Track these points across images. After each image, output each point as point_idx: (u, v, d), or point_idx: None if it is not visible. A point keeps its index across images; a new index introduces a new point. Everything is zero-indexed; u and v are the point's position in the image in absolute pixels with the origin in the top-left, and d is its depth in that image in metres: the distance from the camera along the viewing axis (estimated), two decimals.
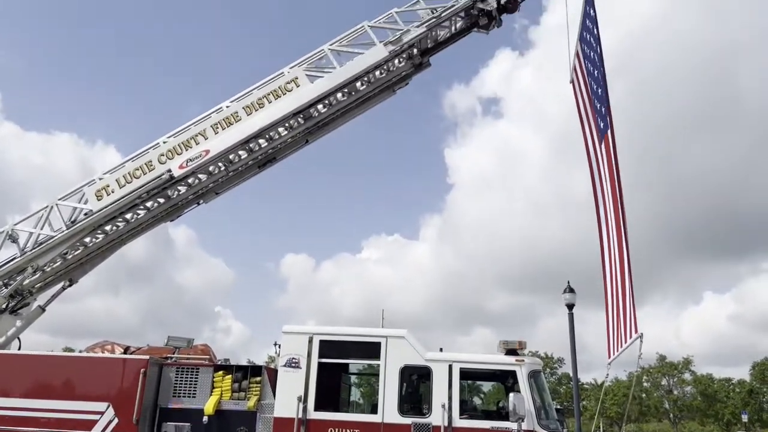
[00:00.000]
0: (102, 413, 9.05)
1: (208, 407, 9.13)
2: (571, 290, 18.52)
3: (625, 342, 9.27)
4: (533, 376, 9.09)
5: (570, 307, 18.47)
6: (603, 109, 10.71)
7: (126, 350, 10.48)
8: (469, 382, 10.25)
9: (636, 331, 8.79)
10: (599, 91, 10.96)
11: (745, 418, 56.36)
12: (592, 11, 11.74)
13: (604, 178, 10.67)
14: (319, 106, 11.83)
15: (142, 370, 9.19)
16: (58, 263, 11.44)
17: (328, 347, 9.25)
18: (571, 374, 25.66)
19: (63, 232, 10.90)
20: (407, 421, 8.69)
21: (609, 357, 10.08)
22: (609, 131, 10.34)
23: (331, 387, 9.61)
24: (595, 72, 11.25)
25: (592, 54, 11.44)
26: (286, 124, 11.71)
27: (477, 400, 11.23)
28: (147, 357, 9.50)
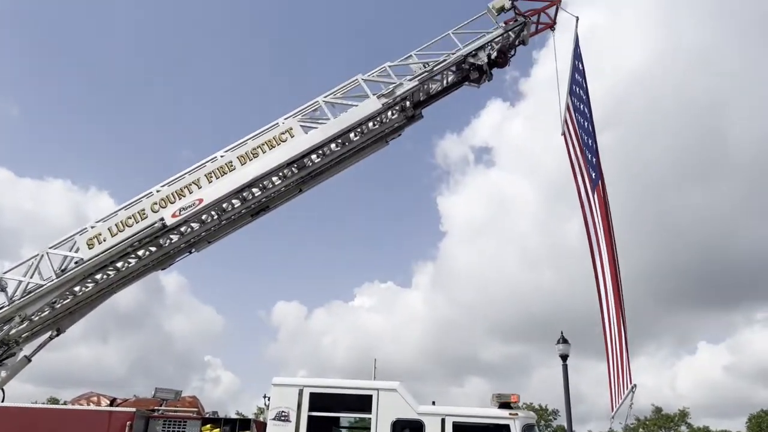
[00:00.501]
0: None
1: None
2: (565, 341, 18.35)
3: (624, 393, 9.20)
4: (527, 430, 8.93)
5: (564, 358, 18.26)
6: (594, 160, 10.91)
7: (112, 402, 10.28)
8: None
9: (630, 382, 8.73)
10: (590, 142, 11.19)
11: None
12: (580, 65, 12.11)
13: (597, 226, 10.78)
14: (313, 156, 11.96)
15: (128, 422, 8.98)
16: (46, 312, 11.30)
17: (318, 400, 9.09)
18: (566, 427, 25.18)
19: (53, 280, 10.80)
20: None
21: (612, 409, 9.97)
22: (600, 182, 10.52)
23: None
24: (586, 124, 11.51)
25: (582, 107, 11.73)
26: (280, 174, 11.81)
27: None
28: (133, 409, 9.30)
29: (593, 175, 11.00)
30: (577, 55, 12.17)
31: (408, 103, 12.36)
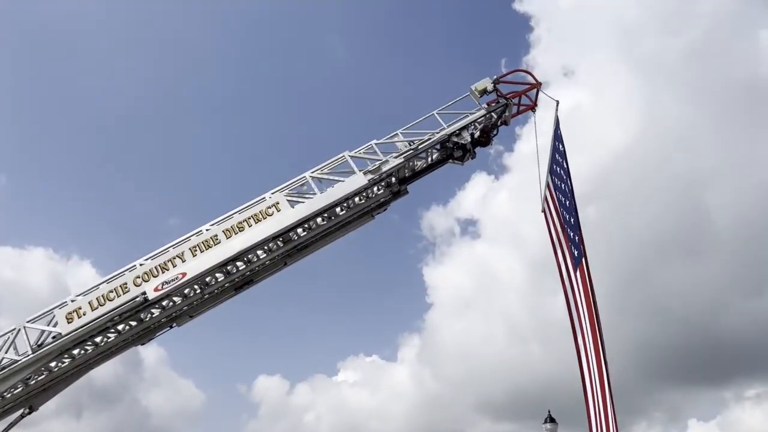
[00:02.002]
0: None
1: None
2: (552, 420, 17.93)
3: None
4: None
5: None
6: (576, 238, 11.06)
7: None
8: None
9: None
10: (572, 220, 11.37)
11: None
12: (561, 146, 12.47)
13: (580, 304, 10.79)
14: (299, 230, 12.02)
15: None
16: (19, 389, 10.92)
17: None
18: None
19: (28, 356, 10.48)
20: None
21: None
22: (583, 259, 10.62)
23: None
24: (567, 202, 11.73)
25: (562, 185, 12.00)
26: (266, 247, 11.82)
27: None
28: None
29: (575, 252, 11.12)
30: (557, 137, 12.53)
31: (393, 179, 12.58)
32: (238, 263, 11.79)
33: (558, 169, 12.17)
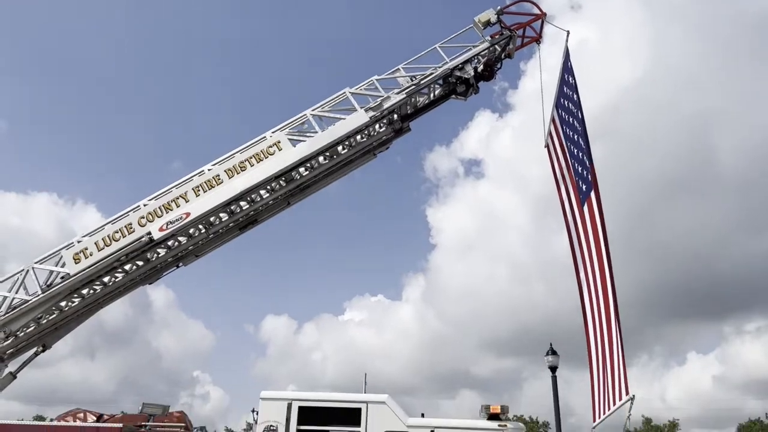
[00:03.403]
0: None
1: None
2: (554, 352, 18.35)
3: (614, 404, 9.17)
4: None
5: (553, 369, 18.26)
6: (585, 172, 10.89)
7: (99, 418, 10.16)
8: None
9: (627, 393, 8.70)
10: (580, 154, 11.17)
11: None
12: (570, 78, 12.12)
13: (585, 240, 10.76)
14: (301, 169, 11.98)
15: None
16: (32, 328, 11.18)
17: (307, 414, 9.03)
18: None
19: (38, 296, 10.70)
20: None
21: (594, 420, 9.97)
22: (592, 193, 10.47)
23: None
24: (575, 136, 11.50)
25: (570, 119, 11.75)
26: (268, 187, 11.81)
27: None
28: (120, 425, 9.23)
29: (583, 187, 10.98)
30: (567, 69, 12.20)
31: (395, 116, 12.44)
32: (242, 203, 11.82)
33: (566, 102, 11.91)
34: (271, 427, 8.90)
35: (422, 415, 9.30)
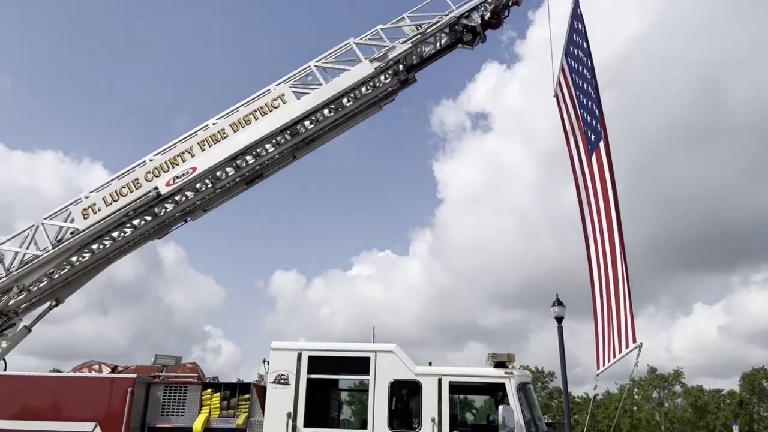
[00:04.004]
0: None
1: (197, 426, 9.06)
2: (560, 303, 18.60)
3: (620, 352, 9.28)
4: (522, 388, 9.09)
5: (559, 320, 18.53)
6: (594, 122, 10.75)
7: (113, 370, 10.38)
8: (459, 395, 10.23)
9: (634, 341, 8.80)
10: (589, 104, 11.01)
11: (735, 429, 56.44)
12: (580, 26, 11.83)
13: (593, 190, 10.70)
14: (306, 123, 11.90)
15: (129, 389, 9.11)
16: (45, 283, 11.36)
17: (316, 363, 9.22)
18: (561, 388, 25.66)
19: (49, 251, 10.84)
20: None
21: (598, 368, 10.12)
22: (602, 142, 10.35)
23: (320, 403, 9.55)
24: (584, 85, 11.30)
25: (580, 68, 11.52)
26: (273, 141, 11.76)
27: (467, 414, 11.20)
28: (134, 376, 9.42)
29: (592, 137, 10.86)
30: (576, 15, 11.90)
31: (401, 66, 12.24)
32: (247, 157, 11.80)
33: (575, 50, 11.66)
34: (282, 377, 9.10)
35: (430, 364, 9.47)
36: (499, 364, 9.19)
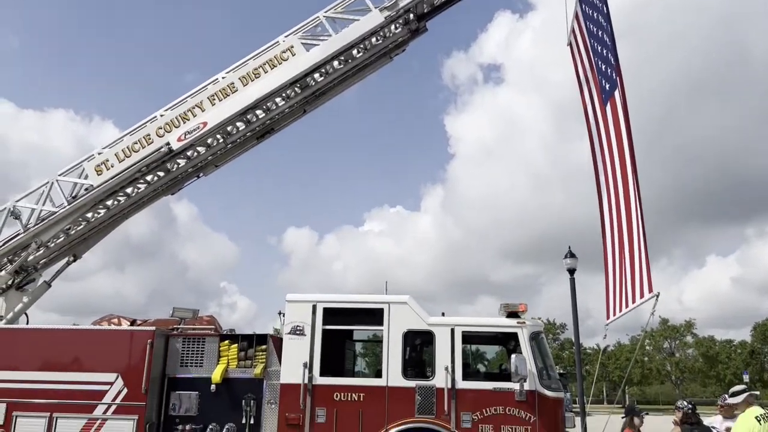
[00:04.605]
0: (111, 384, 9.20)
1: (216, 376, 9.28)
2: (572, 255, 18.63)
3: (633, 302, 9.28)
4: (534, 337, 9.20)
5: (571, 271, 18.59)
6: (609, 70, 10.52)
7: (132, 323, 10.61)
8: (472, 345, 10.38)
9: (651, 291, 8.81)
10: (604, 52, 10.75)
11: (746, 378, 57.07)
12: None
13: (607, 140, 10.55)
14: (316, 75, 11.75)
15: (148, 341, 9.32)
16: (62, 239, 11.54)
17: (331, 314, 9.36)
18: (573, 340, 25.91)
19: (65, 207, 10.96)
20: (411, 384, 8.82)
21: (608, 318, 10.17)
22: (617, 91, 10.15)
23: (335, 353, 9.75)
24: (599, 32, 11.01)
25: (594, 14, 11.22)
26: (283, 94, 11.66)
27: (479, 363, 11.39)
28: (153, 329, 9.62)
29: (607, 86, 10.64)
30: None
31: (412, 15, 11.96)
32: (258, 111, 11.73)
33: None
34: (298, 328, 9.26)
35: (443, 315, 9.58)
36: (512, 314, 9.28)
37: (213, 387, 9.28)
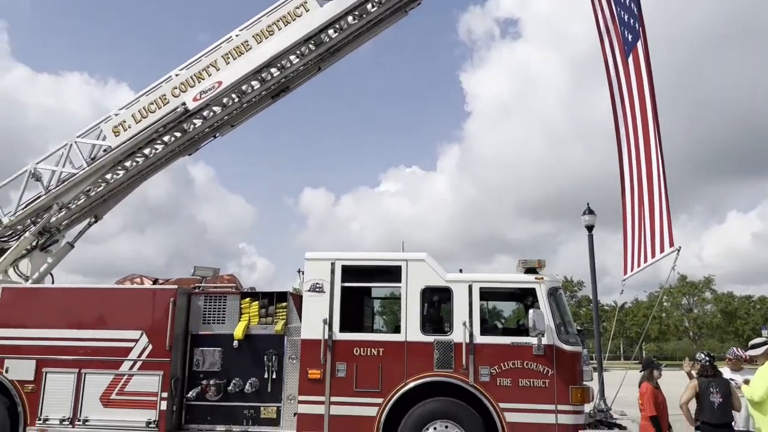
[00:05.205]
0: (136, 341, 9.43)
1: (238, 332, 9.46)
2: (591, 212, 18.49)
3: (653, 257, 9.23)
4: (552, 293, 9.21)
5: (589, 228, 18.49)
6: (632, 21, 10.25)
7: (154, 282, 10.79)
8: (489, 301, 10.42)
9: (672, 245, 8.74)
10: (626, 1, 10.46)
11: (765, 333, 56.93)
12: None
13: (628, 92, 10.33)
14: (330, 31, 11.56)
15: (171, 299, 9.49)
16: (82, 200, 11.70)
17: (349, 272, 9.43)
18: (591, 296, 25.97)
19: (84, 169, 11.06)
20: (429, 339, 8.92)
21: (626, 273, 10.13)
22: (640, 42, 9.89)
23: (354, 309, 9.86)
24: None
25: None
26: (298, 52, 11.51)
27: (497, 319, 11.46)
28: (175, 287, 9.78)
29: (629, 37, 10.36)
30: None
31: None
32: (272, 70, 11.61)
33: None
34: (317, 285, 9.37)
35: (460, 271, 9.62)
36: (530, 270, 9.28)
37: (235, 343, 9.48)
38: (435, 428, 8.63)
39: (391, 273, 9.42)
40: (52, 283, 11.57)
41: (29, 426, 9.36)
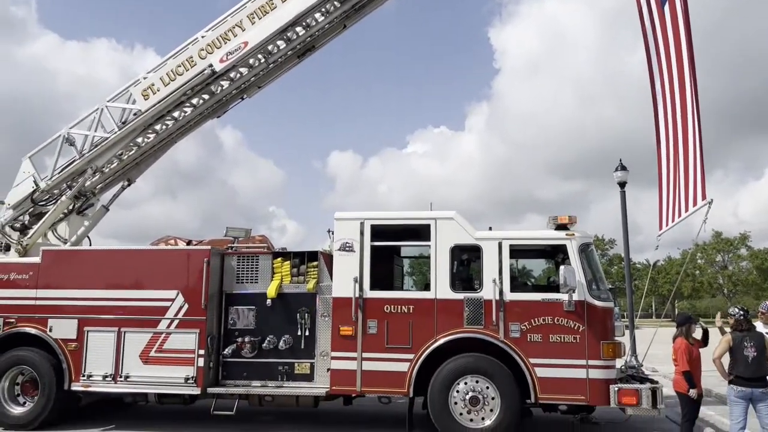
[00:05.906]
0: (173, 300, 9.68)
1: (271, 291, 9.63)
2: (623, 168, 18.12)
3: (686, 210, 9.08)
4: (584, 249, 9.13)
5: (622, 185, 18.15)
6: None
7: (188, 243, 11.00)
8: (519, 259, 10.38)
9: (704, 198, 8.57)
10: None
11: None
12: None
13: (664, 42, 9.99)
14: None
15: (205, 259, 9.67)
16: (115, 164, 11.91)
17: (379, 231, 9.47)
18: (622, 255, 25.67)
19: (115, 132, 11.22)
20: (459, 296, 8.97)
21: (661, 228, 9.99)
22: None
23: (384, 268, 9.92)
24: None
25: None
26: (323, 9, 11.36)
27: (528, 275, 11.43)
28: (209, 248, 9.96)
29: None
30: None
31: None
32: (298, 29, 11.49)
33: None
34: (347, 244, 9.44)
35: (490, 229, 9.56)
36: (561, 227, 9.19)
37: (268, 302, 9.66)
38: (466, 383, 8.75)
39: (420, 232, 9.44)
40: (90, 245, 11.88)
41: (74, 382, 9.75)
